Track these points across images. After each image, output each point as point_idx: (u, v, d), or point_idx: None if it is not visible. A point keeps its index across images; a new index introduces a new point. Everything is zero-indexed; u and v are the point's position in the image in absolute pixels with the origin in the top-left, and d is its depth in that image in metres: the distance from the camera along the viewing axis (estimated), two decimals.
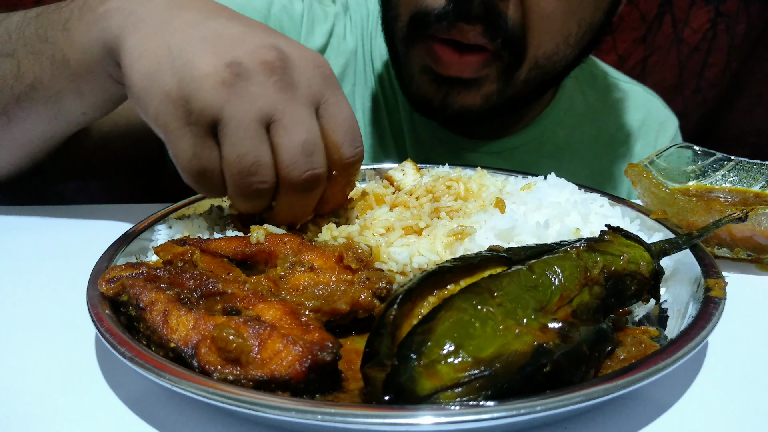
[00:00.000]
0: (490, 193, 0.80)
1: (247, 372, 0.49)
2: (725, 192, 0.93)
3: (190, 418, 0.52)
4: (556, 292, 0.53)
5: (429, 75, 1.04)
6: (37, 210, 0.97)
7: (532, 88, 1.08)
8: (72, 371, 0.58)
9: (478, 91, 1.03)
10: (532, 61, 1.01)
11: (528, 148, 1.28)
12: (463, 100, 1.04)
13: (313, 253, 0.66)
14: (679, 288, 0.67)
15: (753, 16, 1.75)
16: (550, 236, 0.68)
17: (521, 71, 1.02)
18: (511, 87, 1.04)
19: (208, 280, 0.59)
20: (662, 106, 1.44)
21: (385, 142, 1.27)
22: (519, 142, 1.28)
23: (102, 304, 0.58)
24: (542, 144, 1.29)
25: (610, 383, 0.46)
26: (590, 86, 1.37)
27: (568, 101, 1.32)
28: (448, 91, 1.04)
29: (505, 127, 1.28)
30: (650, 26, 1.79)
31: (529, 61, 1.01)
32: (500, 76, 1.02)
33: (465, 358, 0.45)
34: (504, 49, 0.97)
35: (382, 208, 0.78)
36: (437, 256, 0.68)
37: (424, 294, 0.52)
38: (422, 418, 0.43)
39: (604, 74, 1.41)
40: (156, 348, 0.54)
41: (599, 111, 1.36)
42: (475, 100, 1.04)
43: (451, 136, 1.25)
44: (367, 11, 1.27)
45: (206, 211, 0.84)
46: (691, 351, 0.51)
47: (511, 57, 0.99)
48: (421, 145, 1.26)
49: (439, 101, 1.06)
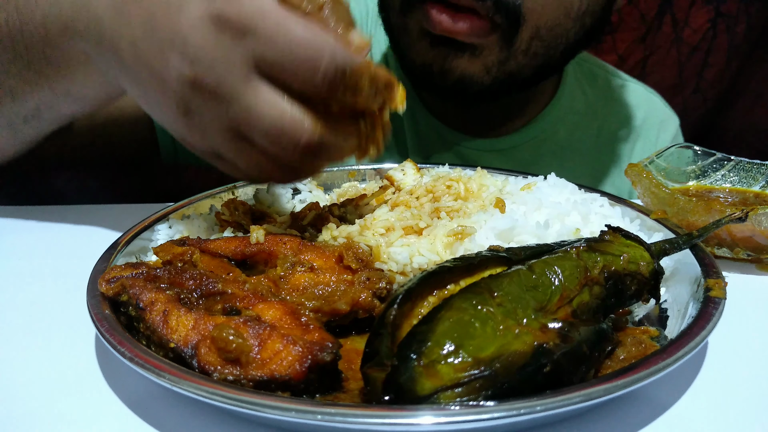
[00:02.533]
0: (490, 193, 0.80)
1: (247, 372, 0.49)
2: (725, 192, 0.93)
3: (190, 418, 0.52)
4: (556, 292, 0.53)
5: (427, 39, 1.04)
6: (37, 210, 0.97)
7: (535, 64, 1.07)
8: (72, 371, 0.58)
9: (479, 59, 1.03)
10: (533, 29, 1.01)
11: (529, 146, 1.28)
12: (464, 67, 1.04)
13: (313, 254, 0.66)
14: (679, 288, 0.67)
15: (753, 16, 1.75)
16: (550, 236, 0.68)
17: (521, 39, 1.02)
18: (513, 58, 1.04)
19: (208, 280, 0.59)
20: (663, 104, 1.44)
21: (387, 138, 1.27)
22: (520, 140, 1.28)
23: (102, 304, 0.58)
24: (543, 142, 1.29)
25: (610, 383, 0.46)
26: (591, 84, 1.37)
27: (569, 99, 1.32)
28: (447, 55, 1.04)
29: (505, 124, 1.28)
30: (650, 26, 1.79)
31: (529, 29, 1.01)
32: (500, 46, 1.02)
33: (465, 358, 0.45)
34: (497, 13, 0.98)
35: (382, 208, 0.78)
36: (437, 256, 0.68)
37: (424, 294, 0.52)
38: (422, 418, 0.43)
39: (605, 73, 1.41)
40: (156, 348, 0.54)
41: (600, 109, 1.36)
42: (475, 70, 1.04)
43: (453, 133, 1.25)
44: (366, 8, 1.27)
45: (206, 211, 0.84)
46: (691, 351, 0.51)
47: (506, 22, 0.99)
48: (422, 143, 1.26)
49: (438, 67, 1.05)
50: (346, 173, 1.00)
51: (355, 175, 1.00)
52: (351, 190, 0.94)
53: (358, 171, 1.00)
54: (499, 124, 1.27)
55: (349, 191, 0.94)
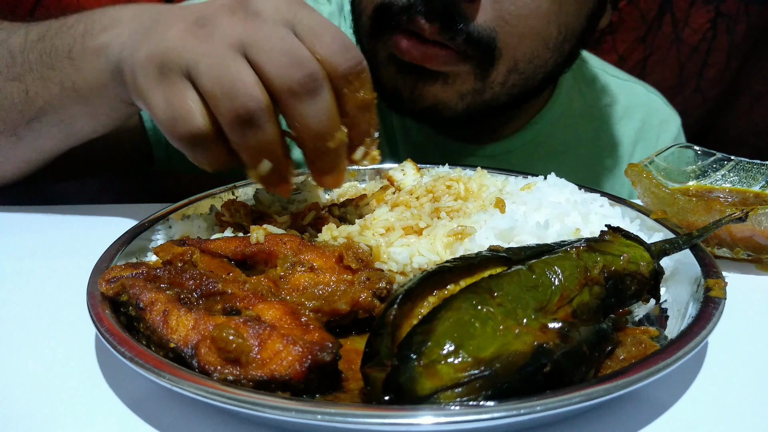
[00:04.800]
0: (490, 193, 0.80)
1: (247, 372, 0.49)
2: (725, 192, 0.93)
3: (190, 418, 0.52)
4: (556, 292, 0.53)
5: (394, 65, 1.03)
6: (37, 210, 0.97)
7: (514, 93, 1.06)
8: (72, 371, 0.58)
9: (452, 87, 1.02)
10: (510, 63, 1.00)
11: (523, 151, 1.27)
12: (435, 94, 1.03)
13: (313, 253, 0.66)
14: (679, 288, 0.67)
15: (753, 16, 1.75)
16: (550, 236, 0.68)
17: (497, 72, 1.00)
18: (489, 89, 1.03)
19: (208, 280, 0.59)
20: (664, 104, 1.42)
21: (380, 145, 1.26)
22: (514, 146, 1.26)
23: (102, 304, 0.58)
24: (538, 146, 1.28)
25: (610, 383, 0.46)
26: (589, 86, 1.36)
27: (566, 102, 1.30)
28: (416, 82, 1.02)
29: (499, 129, 1.26)
30: (650, 26, 1.79)
31: (506, 63, 1.00)
32: (475, 76, 1.01)
33: (465, 358, 0.45)
34: (469, 47, 0.96)
35: (382, 208, 0.78)
36: (437, 256, 0.68)
37: (424, 294, 0.52)
38: (422, 418, 0.43)
39: (604, 72, 1.39)
40: (156, 348, 0.54)
41: (598, 111, 1.34)
42: (448, 97, 1.03)
43: (445, 140, 1.24)
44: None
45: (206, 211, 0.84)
46: (691, 351, 0.51)
47: (480, 56, 0.98)
48: (415, 150, 1.25)
49: (408, 93, 1.04)
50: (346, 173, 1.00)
51: (355, 175, 1.00)
52: (351, 190, 0.94)
53: (358, 171, 1.00)
54: (492, 130, 1.26)
55: (349, 191, 0.94)
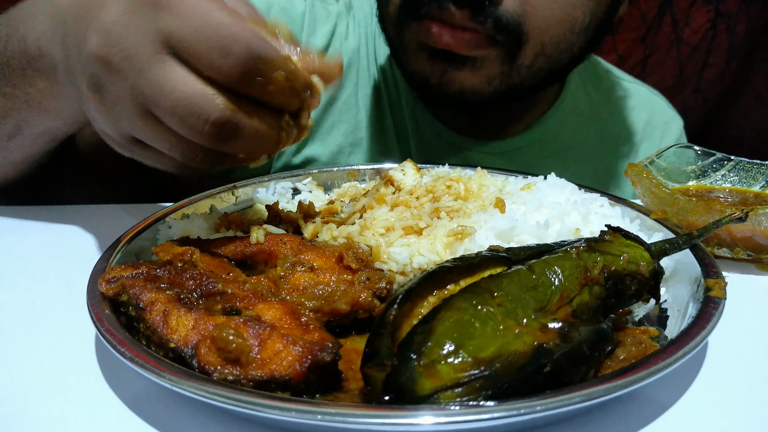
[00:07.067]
0: (490, 193, 0.80)
1: (247, 372, 0.49)
2: (725, 192, 0.93)
3: (190, 418, 0.52)
4: (556, 292, 0.53)
5: (425, 52, 1.04)
6: (37, 210, 0.97)
7: (540, 77, 1.08)
8: (72, 371, 0.58)
9: (480, 71, 1.03)
10: (538, 47, 1.01)
11: (531, 148, 1.28)
12: (463, 80, 1.04)
13: (313, 253, 0.66)
14: (679, 288, 0.67)
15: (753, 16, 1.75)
16: (550, 236, 0.68)
17: (524, 55, 1.02)
18: (516, 72, 1.04)
19: (208, 280, 0.59)
20: (666, 106, 1.44)
21: (389, 141, 1.27)
22: (522, 143, 1.27)
23: (102, 304, 0.58)
24: (546, 144, 1.29)
25: (610, 383, 0.46)
26: (594, 86, 1.37)
27: (573, 101, 1.32)
28: (446, 68, 1.03)
29: (508, 127, 1.28)
30: (650, 26, 1.79)
31: (533, 47, 1.01)
32: (503, 60, 1.02)
33: (465, 358, 0.45)
34: (498, 33, 0.97)
35: (382, 208, 0.78)
36: (437, 256, 0.68)
37: (424, 294, 0.52)
38: (422, 418, 0.43)
39: (608, 74, 1.41)
40: (156, 348, 0.54)
41: (603, 111, 1.36)
42: (476, 82, 1.04)
43: (455, 136, 1.25)
44: (370, 9, 1.27)
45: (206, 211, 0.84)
46: (691, 351, 0.51)
47: (509, 41, 0.99)
48: (424, 145, 1.26)
49: (437, 79, 1.05)
50: (346, 173, 1.00)
51: (355, 175, 1.00)
52: (351, 190, 0.94)
53: (358, 171, 1.00)
54: (502, 126, 1.27)
55: (349, 191, 0.94)
